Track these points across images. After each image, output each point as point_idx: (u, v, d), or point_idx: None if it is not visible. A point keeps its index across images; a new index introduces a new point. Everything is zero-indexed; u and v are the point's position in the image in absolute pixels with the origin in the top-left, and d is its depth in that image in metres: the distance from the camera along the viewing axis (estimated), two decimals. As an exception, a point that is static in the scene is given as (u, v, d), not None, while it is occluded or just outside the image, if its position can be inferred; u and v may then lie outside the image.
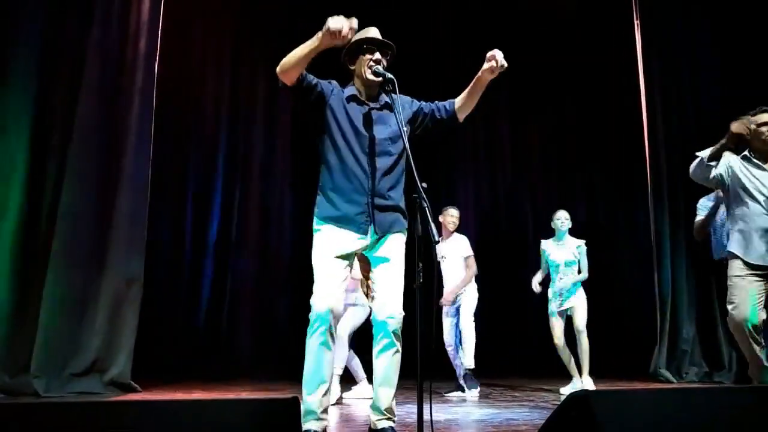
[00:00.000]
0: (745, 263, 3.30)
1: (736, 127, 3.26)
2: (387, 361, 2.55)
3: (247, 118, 6.78)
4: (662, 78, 6.35)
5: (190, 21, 6.47)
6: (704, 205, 4.28)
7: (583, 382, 4.85)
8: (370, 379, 3.00)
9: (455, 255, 4.97)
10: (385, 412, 2.56)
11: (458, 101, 2.75)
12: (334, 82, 2.70)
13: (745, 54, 6.26)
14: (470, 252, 5.01)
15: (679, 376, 5.66)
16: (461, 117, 2.76)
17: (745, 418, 1.64)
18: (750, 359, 3.31)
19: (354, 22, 2.37)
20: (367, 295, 4.28)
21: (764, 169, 3.38)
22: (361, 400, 4.35)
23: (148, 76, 4.89)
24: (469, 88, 2.69)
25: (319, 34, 2.37)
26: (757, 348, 3.24)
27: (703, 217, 4.16)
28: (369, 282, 2.66)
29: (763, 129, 3.33)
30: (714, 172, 3.42)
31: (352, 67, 2.70)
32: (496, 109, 7.46)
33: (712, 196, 4.27)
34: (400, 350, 2.59)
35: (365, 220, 2.56)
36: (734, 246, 3.37)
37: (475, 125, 7.29)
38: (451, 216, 5.03)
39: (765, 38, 6.16)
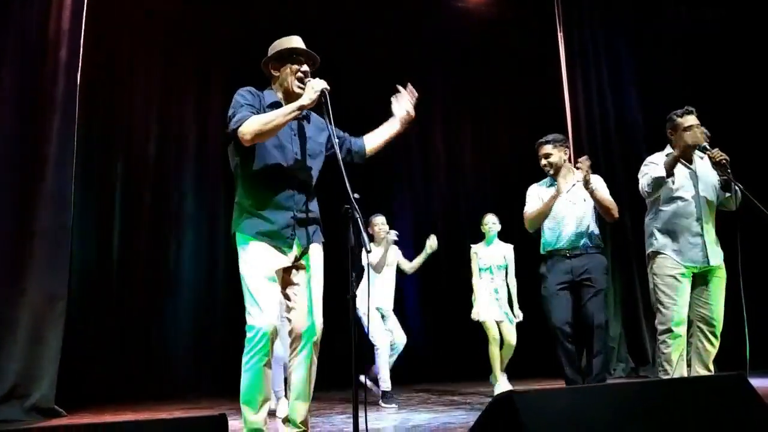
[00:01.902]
0: (677, 262, 3.40)
1: (691, 139, 3.30)
2: (307, 373, 2.54)
3: (178, 128, 6.59)
4: (585, 89, 6.70)
5: (116, 29, 6.24)
6: (537, 193, 3.86)
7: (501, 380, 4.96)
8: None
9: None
10: (301, 425, 2.56)
11: (370, 145, 2.77)
12: (253, 91, 2.62)
13: (660, 62, 6.69)
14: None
15: (607, 373, 5.92)
16: (367, 156, 2.80)
17: (658, 410, 1.74)
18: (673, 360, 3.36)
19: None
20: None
21: (690, 169, 3.48)
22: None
23: (69, 86, 4.68)
24: (384, 135, 2.72)
25: (302, 102, 2.45)
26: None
27: (541, 206, 3.72)
28: (286, 293, 2.62)
29: (688, 133, 3.43)
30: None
31: (276, 74, 2.68)
32: (430, 118, 7.59)
33: (546, 180, 3.89)
34: (316, 362, 2.59)
35: (290, 235, 2.55)
36: (662, 245, 3.46)
37: (409, 135, 7.39)
38: (381, 224, 4.95)
39: (678, 49, 6.61)
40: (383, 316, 4.87)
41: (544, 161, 3.80)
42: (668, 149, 3.55)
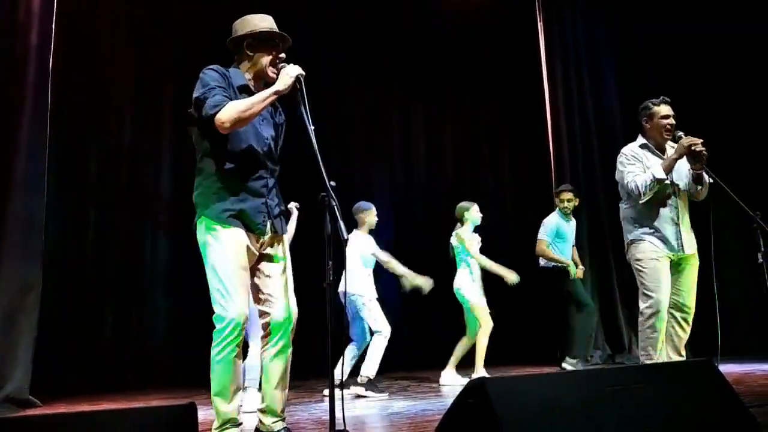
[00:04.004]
0: (657, 248, 3.43)
1: (687, 142, 3.31)
2: (285, 363, 2.53)
3: (154, 113, 6.48)
4: (564, 79, 6.73)
5: (90, 11, 6.10)
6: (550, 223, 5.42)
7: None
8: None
9: None
10: (280, 414, 2.55)
11: None
12: (220, 70, 2.53)
13: (640, 54, 6.75)
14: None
15: (584, 360, 6.00)
16: None
17: (628, 395, 1.77)
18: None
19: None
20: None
21: (662, 158, 3.49)
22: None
23: (41, 70, 4.57)
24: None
25: (277, 87, 2.43)
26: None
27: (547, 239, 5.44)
28: (255, 283, 2.59)
29: (664, 122, 3.49)
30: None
31: (250, 53, 2.59)
32: (411, 106, 7.56)
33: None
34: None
35: (263, 221, 2.51)
36: (641, 232, 3.48)
37: (390, 125, 7.36)
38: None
39: (655, 39, 6.66)
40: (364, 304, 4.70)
41: (566, 204, 5.49)
42: (641, 139, 3.60)
